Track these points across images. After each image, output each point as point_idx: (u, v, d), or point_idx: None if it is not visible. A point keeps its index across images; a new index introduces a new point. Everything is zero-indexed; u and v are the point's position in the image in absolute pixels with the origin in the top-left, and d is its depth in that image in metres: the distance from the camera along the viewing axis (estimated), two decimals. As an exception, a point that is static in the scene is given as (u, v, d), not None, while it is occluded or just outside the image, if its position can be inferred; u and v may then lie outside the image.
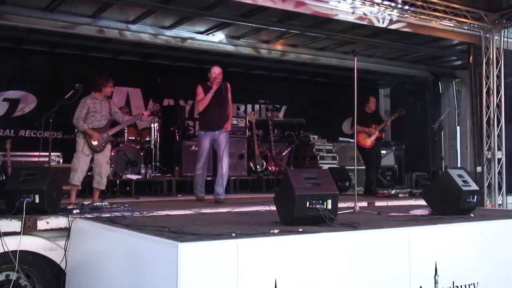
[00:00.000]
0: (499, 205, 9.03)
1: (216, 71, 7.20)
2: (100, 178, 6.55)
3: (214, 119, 7.14)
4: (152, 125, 9.41)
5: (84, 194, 7.27)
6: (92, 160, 6.62)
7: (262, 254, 3.44)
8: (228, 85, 7.39)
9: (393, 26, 8.48)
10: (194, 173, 7.39)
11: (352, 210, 5.79)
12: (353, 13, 8.07)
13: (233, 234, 3.59)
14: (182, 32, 9.24)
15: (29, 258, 4.64)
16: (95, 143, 6.46)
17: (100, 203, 5.95)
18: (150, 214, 5.33)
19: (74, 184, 6.39)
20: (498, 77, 9.17)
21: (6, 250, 4.45)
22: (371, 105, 8.93)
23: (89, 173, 6.70)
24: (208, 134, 7.19)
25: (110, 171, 7.62)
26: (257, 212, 5.79)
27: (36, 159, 8.30)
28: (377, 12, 8.21)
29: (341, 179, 8.88)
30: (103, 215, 5.01)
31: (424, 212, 5.43)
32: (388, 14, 8.30)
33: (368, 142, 8.68)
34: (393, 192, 8.64)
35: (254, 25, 8.92)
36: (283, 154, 10.24)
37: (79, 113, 6.46)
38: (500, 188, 9.14)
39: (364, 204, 6.82)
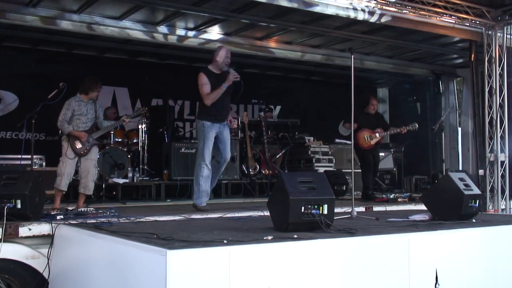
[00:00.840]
0: (502, 209, 8.93)
1: (229, 54, 6.52)
2: (87, 183, 6.41)
3: (222, 110, 6.45)
4: (139, 126, 9.26)
5: (68, 199, 7.14)
6: (78, 164, 6.47)
7: (255, 261, 3.40)
8: None
9: (391, 22, 8.39)
10: (196, 179, 6.36)
11: (349, 216, 5.72)
12: (347, 8, 7.95)
13: (225, 241, 3.55)
14: (171, 28, 9.08)
15: (10, 267, 4.55)
16: (78, 146, 6.33)
17: (85, 209, 5.84)
18: (138, 220, 5.24)
19: (61, 189, 6.26)
20: (501, 75, 9.09)
21: (-14, 258, 4.37)
22: (372, 106, 8.74)
23: (74, 177, 6.54)
24: (214, 125, 6.42)
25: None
26: (249, 217, 5.72)
27: (17, 162, 8.06)
28: (374, 7, 8.12)
29: (338, 182, 8.79)
30: (88, 221, 4.93)
31: (424, 217, 5.39)
32: (386, 10, 8.20)
33: (368, 144, 8.48)
34: (391, 196, 8.50)
35: (246, 21, 8.79)
36: (277, 156, 10.12)
37: (64, 115, 6.32)
38: (503, 192, 9.04)
39: (362, 209, 6.79)
